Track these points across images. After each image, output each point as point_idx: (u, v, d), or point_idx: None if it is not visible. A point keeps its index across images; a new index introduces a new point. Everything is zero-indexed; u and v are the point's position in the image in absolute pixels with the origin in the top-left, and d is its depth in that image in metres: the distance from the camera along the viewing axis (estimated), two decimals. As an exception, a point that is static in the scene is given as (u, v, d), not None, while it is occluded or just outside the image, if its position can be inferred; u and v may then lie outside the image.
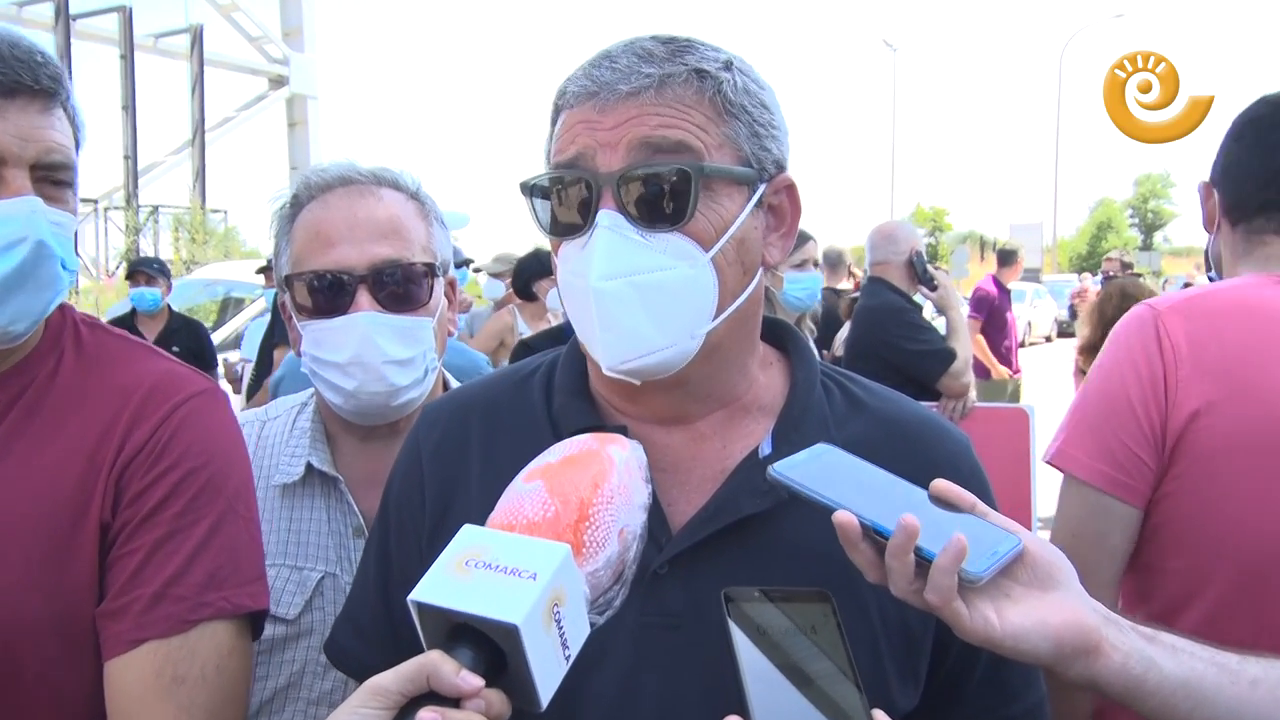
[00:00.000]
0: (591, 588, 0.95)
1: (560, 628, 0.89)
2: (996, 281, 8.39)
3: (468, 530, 0.94)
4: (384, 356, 1.60)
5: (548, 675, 0.88)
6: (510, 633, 0.84)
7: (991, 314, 8.08)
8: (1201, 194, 1.85)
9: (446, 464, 1.23)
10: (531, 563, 0.88)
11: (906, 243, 4.51)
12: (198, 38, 27.51)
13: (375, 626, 1.26)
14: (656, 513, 1.13)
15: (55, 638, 1.21)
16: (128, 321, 7.32)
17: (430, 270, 1.68)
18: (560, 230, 1.14)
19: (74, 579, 1.22)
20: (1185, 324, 1.65)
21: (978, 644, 0.94)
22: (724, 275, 1.11)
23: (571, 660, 0.91)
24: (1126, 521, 1.59)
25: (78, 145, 1.31)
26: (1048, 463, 1.70)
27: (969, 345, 4.50)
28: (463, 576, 0.88)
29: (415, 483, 1.24)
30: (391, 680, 0.85)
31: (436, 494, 1.22)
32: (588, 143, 1.09)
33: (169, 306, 7.53)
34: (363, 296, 1.60)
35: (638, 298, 1.08)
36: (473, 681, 0.84)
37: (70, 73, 1.27)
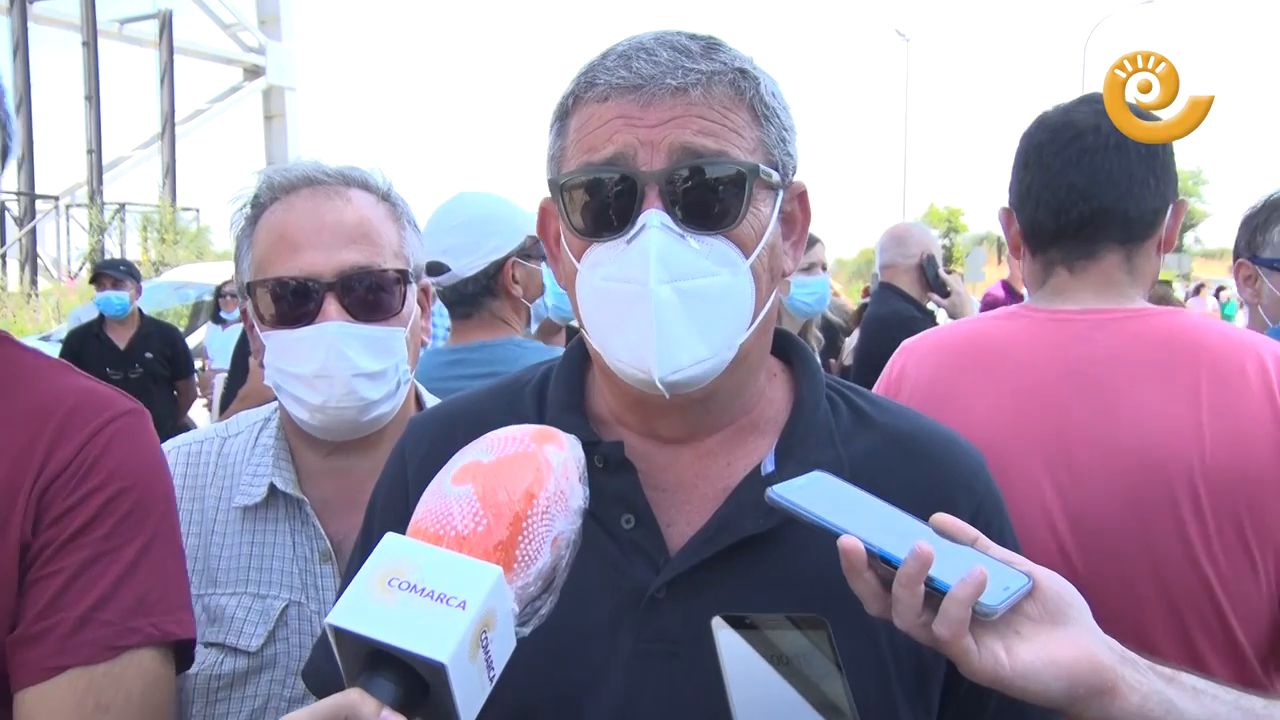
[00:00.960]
0: (520, 600, 0.95)
1: (487, 653, 0.89)
2: (1006, 286, 8.45)
3: (391, 540, 0.92)
4: (354, 369, 1.59)
5: (471, 702, 0.88)
6: (436, 669, 0.84)
7: None
8: (1002, 220, 1.97)
9: (433, 476, 1.25)
10: (460, 587, 0.87)
11: (917, 246, 4.52)
12: (166, 24, 27.50)
13: None
14: (654, 533, 1.15)
15: None
16: (96, 328, 7.36)
17: (403, 277, 1.66)
18: (594, 231, 1.13)
19: None
20: (902, 360, 1.96)
21: (986, 684, 0.93)
22: (760, 283, 1.13)
23: (495, 680, 0.91)
24: None
25: (5, 153, 1.31)
26: None
27: (981, 356, 4.52)
28: (385, 599, 0.87)
29: (400, 496, 1.24)
30: None
31: None
32: (628, 140, 1.09)
33: (139, 311, 7.55)
34: (331, 305, 1.59)
35: (684, 304, 1.08)
36: None
37: (28, 61, 1.26)
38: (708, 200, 1.09)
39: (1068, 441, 1.70)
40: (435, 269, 2.49)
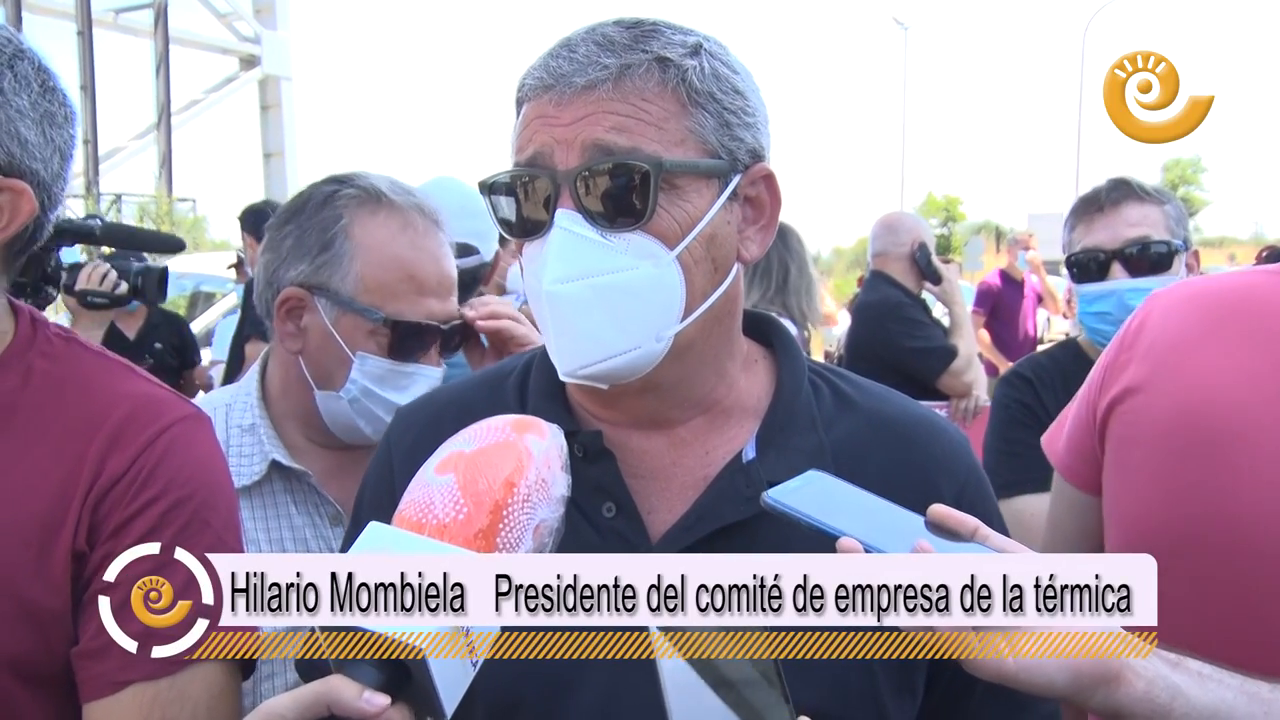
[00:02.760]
0: None
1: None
2: (1004, 275, 8.45)
3: (374, 529, 0.95)
4: None
5: (453, 688, 0.89)
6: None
7: (996, 308, 8.15)
8: None
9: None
10: None
11: (909, 234, 4.50)
12: (162, 13, 27.34)
13: None
14: (635, 522, 1.15)
15: (14, 674, 1.19)
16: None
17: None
18: (521, 231, 1.15)
19: (42, 612, 1.19)
20: (1150, 307, 1.64)
21: (989, 680, 0.93)
22: (691, 274, 1.12)
23: (478, 668, 0.92)
24: (1081, 508, 1.60)
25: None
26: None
27: (973, 342, 4.51)
28: None
29: (386, 486, 1.25)
30: (289, 706, 0.87)
31: None
32: (545, 140, 1.10)
33: (149, 302, 7.55)
34: (434, 350, 1.76)
35: (597, 300, 1.09)
36: (377, 703, 0.86)
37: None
38: (616, 197, 1.09)
39: None
40: (464, 250, 2.44)
